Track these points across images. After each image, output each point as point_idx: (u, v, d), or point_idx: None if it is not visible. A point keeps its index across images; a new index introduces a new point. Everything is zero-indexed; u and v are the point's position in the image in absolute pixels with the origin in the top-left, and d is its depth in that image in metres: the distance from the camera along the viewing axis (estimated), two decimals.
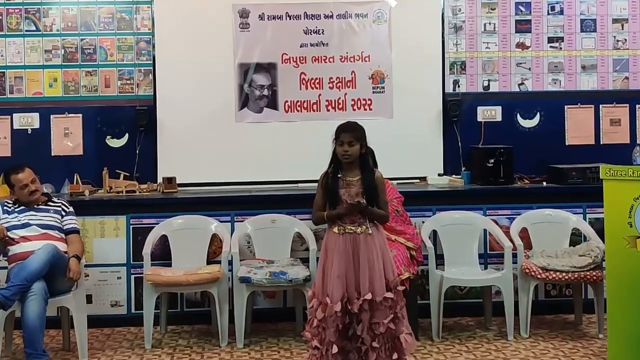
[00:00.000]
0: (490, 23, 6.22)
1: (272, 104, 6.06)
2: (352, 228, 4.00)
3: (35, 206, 4.94)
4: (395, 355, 4.00)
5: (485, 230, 5.61)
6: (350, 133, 4.02)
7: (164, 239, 5.45)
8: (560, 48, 6.25)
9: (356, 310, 3.94)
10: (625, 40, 6.27)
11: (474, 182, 5.93)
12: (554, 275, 5.07)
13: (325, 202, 4.07)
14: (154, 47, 6.02)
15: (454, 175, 6.04)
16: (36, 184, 4.95)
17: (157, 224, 5.47)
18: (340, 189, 4.01)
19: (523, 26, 6.24)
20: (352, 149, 4.00)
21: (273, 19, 6.05)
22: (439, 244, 5.46)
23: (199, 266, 5.25)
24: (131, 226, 5.56)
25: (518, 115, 6.21)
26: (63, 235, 4.92)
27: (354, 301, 3.94)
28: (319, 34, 6.07)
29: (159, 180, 5.87)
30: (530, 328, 5.20)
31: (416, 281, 5.16)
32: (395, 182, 5.53)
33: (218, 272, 5.05)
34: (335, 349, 3.94)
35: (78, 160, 5.97)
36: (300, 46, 6.06)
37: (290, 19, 6.06)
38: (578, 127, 6.23)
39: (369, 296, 3.93)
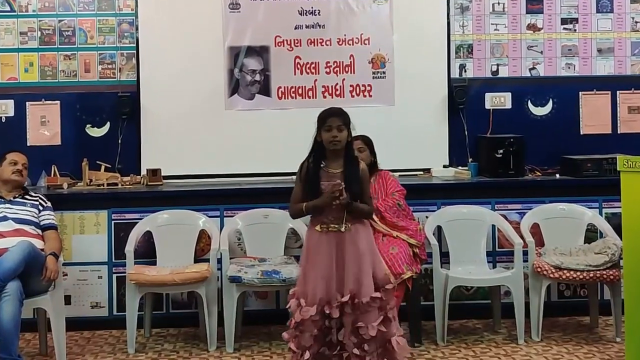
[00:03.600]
0: (499, 3, 6.20)
1: (265, 90, 6.04)
2: (336, 226, 3.96)
3: (12, 199, 4.93)
4: None
5: (493, 226, 5.60)
6: (339, 117, 4.00)
7: (148, 236, 5.44)
8: (575, 30, 6.23)
9: (336, 315, 3.89)
10: None
11: (482, 174, 5.92)
12: (568, 275, 5.06)
13: (304, 195, 4.02)
14: (137, 29, 6.00)
15: (460, 167, 6.03)
16: (25, 171, 5.02)
17: (140, 219, 5.46)
18: (322, 181, 3.97)
19: (534, 6, 6.22)
20: (341, 135, 3.98)
21: None
22: (444, 241, 5.45)
23: (186, 265, 5.24)
24: (113, 222, 5.54)
25: (529, 102, 6.20)
26: (39, 232, 4.91)
27: (333, 305, 3.90)
28: (315, 15, 6.05)
29: (143, 172, 5.87)
30: (542, 331, 5.20)
31: (419, 281, 5.15)
32: (397, 174, 5.51)
33: (206, 271, 5.03)
34: (307, 355, 3.90)
35: (56, 150, 5.96)
36: (295, 28, 6.04)
37: None
38: (594, 115, 6.21)
39: (346, 298, 3.88)
